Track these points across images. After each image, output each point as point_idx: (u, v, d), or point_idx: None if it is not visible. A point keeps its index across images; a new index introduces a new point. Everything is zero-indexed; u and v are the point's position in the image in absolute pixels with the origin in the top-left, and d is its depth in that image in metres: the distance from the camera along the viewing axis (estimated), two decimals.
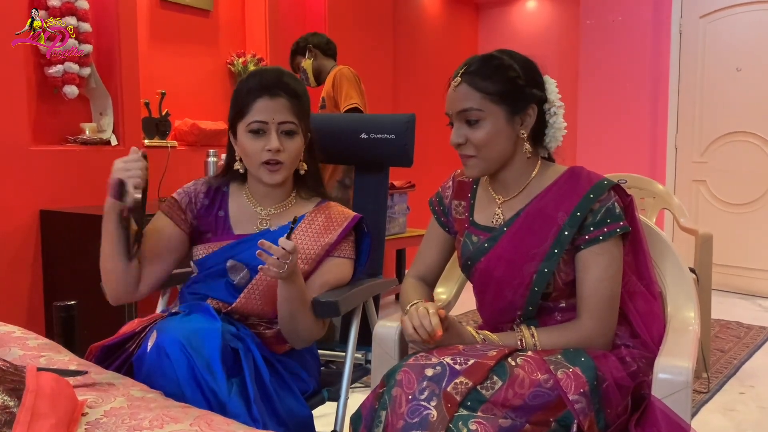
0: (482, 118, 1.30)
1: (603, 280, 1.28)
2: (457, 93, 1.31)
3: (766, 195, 4.46)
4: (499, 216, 1.38)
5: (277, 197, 1.57)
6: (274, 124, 1.47)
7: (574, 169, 1.36)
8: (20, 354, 1.27)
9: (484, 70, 1.30)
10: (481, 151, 1.31)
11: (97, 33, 3.09)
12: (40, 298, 2.89)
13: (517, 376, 1.17)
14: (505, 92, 1.29)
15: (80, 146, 3.02)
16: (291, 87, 1.50)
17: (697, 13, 4.65)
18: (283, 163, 1.48)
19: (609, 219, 1.28)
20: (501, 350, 1.22)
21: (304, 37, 3.55)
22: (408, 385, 1.15)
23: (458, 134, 1.32)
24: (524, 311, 1.34)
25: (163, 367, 1.26)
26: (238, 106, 1.50)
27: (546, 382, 1.18)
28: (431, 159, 5.22)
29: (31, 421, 0.89)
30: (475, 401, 1.14)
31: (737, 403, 2.71)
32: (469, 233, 1.41)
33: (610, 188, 1.31)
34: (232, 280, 1.49)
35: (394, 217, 4.17)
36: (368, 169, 1.92)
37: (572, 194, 1.31)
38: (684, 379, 1.17)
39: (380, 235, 1.86)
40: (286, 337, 1.50)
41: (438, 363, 1.17)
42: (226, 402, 1.25)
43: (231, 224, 1.55)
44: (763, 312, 4.19)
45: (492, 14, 6.04)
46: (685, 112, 4.75)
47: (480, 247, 1.37)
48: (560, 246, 1.29)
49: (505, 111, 1.30)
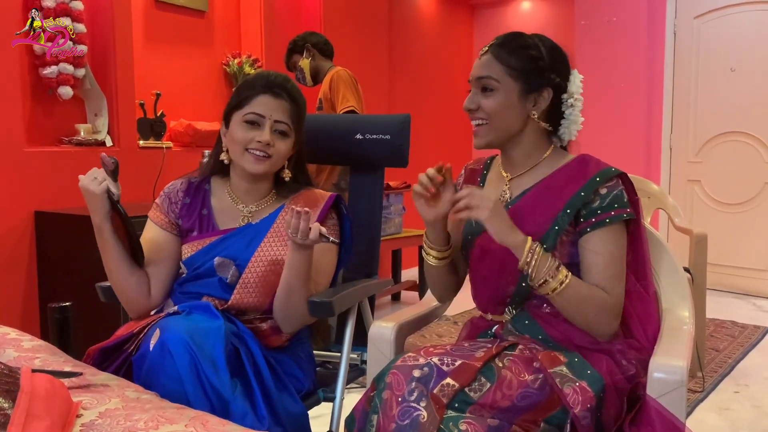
0: (496, 89, 1.33)
1: (612, 260, 1.28)
2: (482, 61, 1.36)
3: (760, 195, 4.48)
4: (506, 193, 1.40)
5: (258, 194, 1.59)
6: (270, 120, 1.50)
7: (584, 156, 1.39)
8: (15, 356, 1.27)
9: (511, 44, 1.35)
10: (491, 120, 1.34)
11: (92, 34, 3.09)
12: (34, 300, 2.88)
13: (504, 377, 1.18)
14: (525, 70, 1.33)
15: (75, 147, 3.02)
16: (294, 94, 1.54)
17: (692, 14, 4.66)
18: (270, 157, 1.51)
19: (616, 204, 1.29)
20: (488, 351, 1.22)
21: (302, 36, 3.53)
22: (397, 387, 1.16)
23: (472, 100, 1.36)
24: (517, 289, 1.33)
25: (166, 365, 1.26)
26: (239, 97, 1.53)
27: (534, 382, 1.19)
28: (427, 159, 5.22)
29: (25, 422, 0.89)
30: (462, 403, 1.14)
31: (732, 402, 2.71)
32: None
33: (618, 176, 1.32)
34: (222, 277, 1.49)
35: (389, 217, 4.17)
36: (363, 170, 1.92)
37: (579, 177, 1.32)
38: (679, 378, 1.18)
39: (376, 235, 1.86)
40: (277, 317, 1.50)
41: (425, 364, 1.17)
42: (230, 400, 1.26)
43: (215, 221, 1.57)
44: (758, 311, 4.21)
45: (487, 15, 6.05)
46: (679, 112, 4.77)
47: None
48: (560, 224, 1.30)
49: (519, 87, 1.33)
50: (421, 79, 5.44)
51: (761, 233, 4.47)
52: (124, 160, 3.11)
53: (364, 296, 1.71)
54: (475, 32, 6.08)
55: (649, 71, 4.82)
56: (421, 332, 3.63)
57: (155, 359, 1.27)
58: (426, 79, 5.48)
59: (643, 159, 4.85)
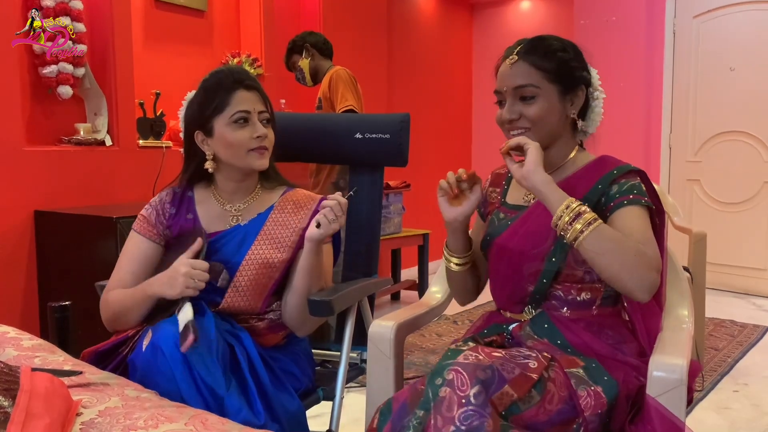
0: (538, 95, 1.33)
1: (640, 231, 1.23)
2: (513, 70, 1.34)
3: (759, 194, 4.48)
4: (529, 194, 1.40)
5: (245, 191, 1.58)
6: (255, 113, 1.51)
7: (605, 156, 1.40)
8: (15, 354, 1.27)
9: (542, 49, 1.34)
10: (535, 126, 1.33)
11: (92, 33, 3.08)
12: (34, 299, 2.88)
13: (549, 391, 1.14)
14: (561, 71, 1.34)
15: (75, 147, 3.01)
16: (256, 81, 1.56)
17: (691, 13, 4.66)
18: (267, 149, 1.53)
19: (635, 191, 1.28)
20: (540, 362, 1.17)
21: (302, 36, 3.53)
22: (461, 387, 1.08)
23: (512, 110, 1.34)
24: (537, 287, 1.33)
25: (159, 365, 1.26)
26: (213, 102, 1.50)
27: (569, 399, 1.17)
28: (426, 159, 5.22)
29: (25, 420, 0.89)
30: (509, 413, 1.10)
31: (731, 401, 2.72)
32: (497, 211, 1.46)
33: (636, 171, 1.33)
34: (214, 282, 1.48)
35: (389, 217, 4.17)
36: (363, 169, 1.92)
37: (599, 173, 1.33)
38: (678, 377, 1.17)
39: (375, 235, 1.86)
40: (293, 324, 1.52)
41: (488, 366, 1.10)
42: (224, 397, 1.26)
43: (202, 226, 1.55)
44: (757, 310, 4.21)
45: (486, 14, 6.05)
46: (678, 111, 4.77)
47: (502, 224, 1.41)
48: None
49: (558, 90, 1.34)
50: (421, 79, 5.44)
51: (760, 232, 4.47)
52: (124, 160, 3.14)
53: (363, 295, 1.71)
54: (475, 32, 6.08)
55: (649, 70, 4.82)
56: (421, 331, 3.62)
57: (148, 360, 1.28)
58: (425, 79, 5.48)
59: (643, 158, 4.85)
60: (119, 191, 3.13)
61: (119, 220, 2.50)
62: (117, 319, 1.49)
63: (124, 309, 1.47)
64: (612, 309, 1.37)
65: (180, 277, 1.37)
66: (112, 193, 3.11)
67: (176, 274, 1.38)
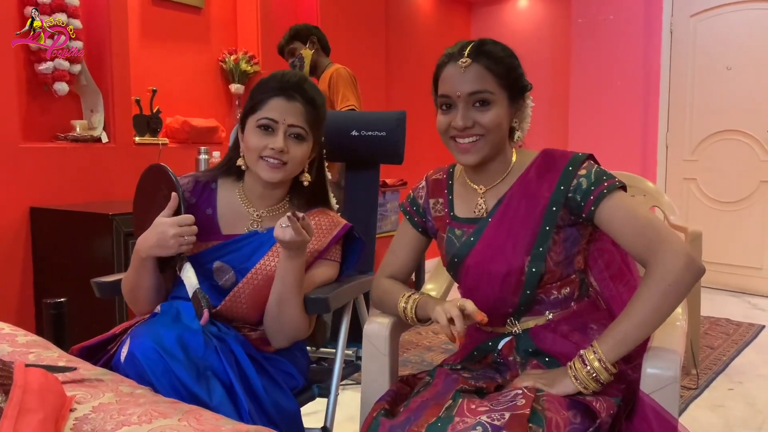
0: (492, 101, 1.27)
1: (641, 216, 1.22)
2: (467, 74, 1.26)
3: (755, 193, 4.49)
4: (481, 206, 1.34)
5: (271, 199, 1.53)
6: (284, 125, 1.43)
7: (546, 150, 1.34)
8: (9, 351, 1.27)
9: (492, 54, 1.27)
10: (489, 134, 1.28)
11: (88, 30, 3.08)
12: (30, 296, 2.88)
13: (551, 420, 1.11)
14: (510, 78, 1.29)
15: (71, 143, 3.01)
16: (309, 94, 1.47)
17: (688, 12, 4.67)
18: (286, 164, 1.45)
19: (604, 177, 1.26)
20: (528, 396, 1.13)
21: (307, 26, 3.46)
22: None
23: (467, 116, 1.26)
24: (519, 302, 1.30)
25: (140, 375, 1.23)
26: (252, 101, 1.47)
27: (575, 417, 1.15)
28: (422, 156, 5.22)
29: (18, 415, 0.89)
30: None
31: (726, 399, 2.72)
32: (451, 228, 1.38)
33: (587, 158, 1.30)
34: (217, 281, 1.47)
35: (385, 214, 4.17)
36: (359, 167, 1.92)
37: (552, 170, 1.29)
38: (672, 374, 1.18)
39: (371, 232, 1.86)
40: (268, 330, 1.47)
41: (477, 424, 1.06)
42: (208, 402, 1.23)
43: (219, 224, 1.51)
44: (752, 309, 4.22)
45: (484, 12, 6.05)
46: (675, 110, 4.77)
47: (466, 242, 1.34)
48: (551, 223, 1.27)
49: (507, 96, 1.29)
50: (418, 77, 5.43)
51: (756, 231, 4.49)
52: (120, 157, 3.14)
53: (359, 293, 1.71)
54: (472, 30, 6.08)
55: (646, 69, 4.83)
56: (417, 329, 3.63)
57: (128, 371, 1.25)
58: (423, 77, 5.44)
59: (639, 157, 4.86)
60: (115, 188, 3.12)
61: (115, 217, 2.48)
62: (134, 296, 1.50)
63: (130, 283, 1.48)
64: (588, 300, 1.35)
65: (170, 240, 1.37)
66: (108, 190, 3.11)
67: (165, 236, 1.37)
